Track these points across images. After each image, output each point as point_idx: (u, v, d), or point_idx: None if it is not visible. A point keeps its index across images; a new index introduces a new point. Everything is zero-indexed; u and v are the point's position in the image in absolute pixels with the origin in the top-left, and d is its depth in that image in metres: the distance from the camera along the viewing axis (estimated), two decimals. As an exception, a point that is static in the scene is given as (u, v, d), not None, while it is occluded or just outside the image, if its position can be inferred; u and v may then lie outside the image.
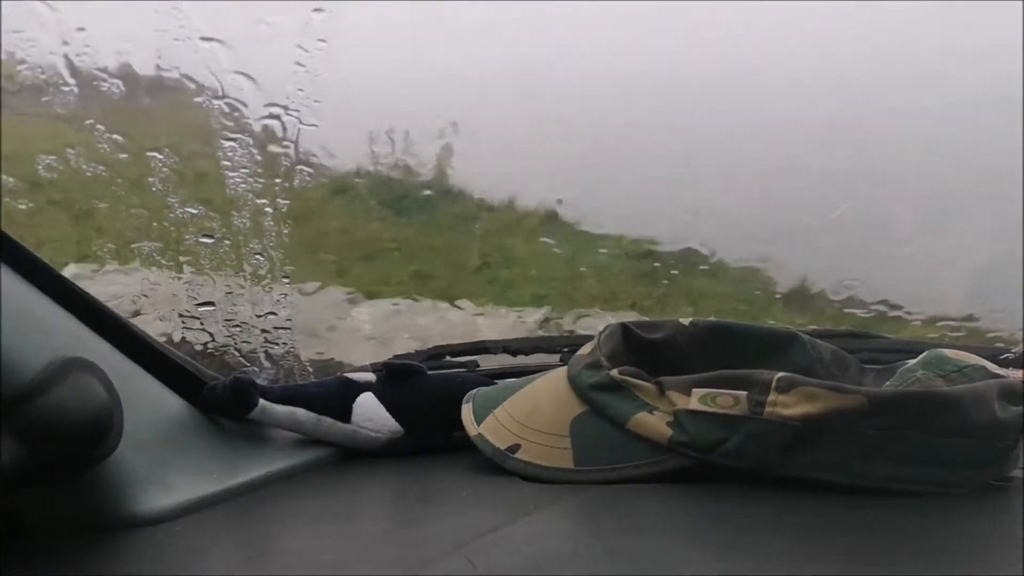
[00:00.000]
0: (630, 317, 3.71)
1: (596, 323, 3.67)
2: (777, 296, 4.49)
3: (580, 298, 4.18)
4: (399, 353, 1.68)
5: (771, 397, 0.96)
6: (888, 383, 1.10)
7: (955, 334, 2.53)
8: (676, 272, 4.42)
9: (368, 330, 3.27)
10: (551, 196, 4.71)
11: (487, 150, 5.18)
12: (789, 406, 0.95)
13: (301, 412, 1.20)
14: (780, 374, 0.97)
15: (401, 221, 4.55)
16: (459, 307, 3.58)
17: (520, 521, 0.93)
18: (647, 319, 1.23)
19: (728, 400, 0.98)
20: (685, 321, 1.21)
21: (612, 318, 3.75)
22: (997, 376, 1.02)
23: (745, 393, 0.98)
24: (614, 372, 1.07)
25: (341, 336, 3.14)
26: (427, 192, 4.67)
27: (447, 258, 4.44)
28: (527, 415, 1.11)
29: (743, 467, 0.98)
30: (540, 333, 3.33)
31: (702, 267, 4.45)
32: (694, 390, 1.01)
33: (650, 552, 0.84)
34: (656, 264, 4.46)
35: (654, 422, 1.03)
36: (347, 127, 4.97)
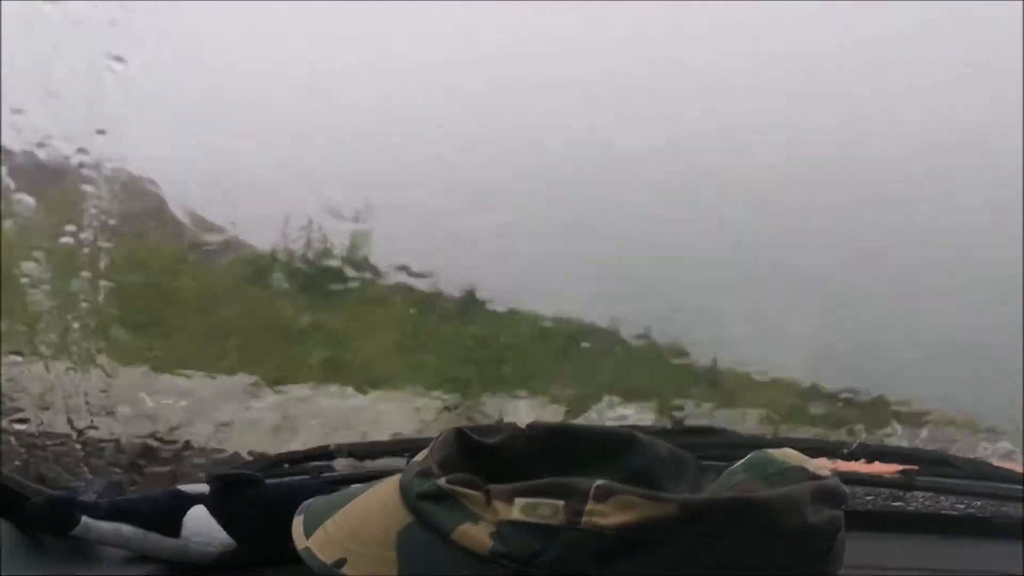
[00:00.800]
0: (542, 402, 3.71)
1: (507, 407, 3.66)
2: (691, 370, 4.54)
3: (497, 380, 4.17)
4: (288, 450, 1.64)
5: (589, 506, 0.95)
6: (711, 487, 1.10)
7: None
8: (593, 349, 4.45)
9: (269, 420, 3.21)
10: (469, 275, 4.73)
11: (405, 230, 5.21)
12: (606, 515, 0.93)
13: (127, 528, 1.15)
14: (599, 482, 0.96)
15: (315, 304, 4.51)
16: (367, 393, 3.54)
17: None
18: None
19: (547, 510, 0.96)
20: (522, 424, 1.19)
21: (524, 403, 3.75)
22: (817, 477, 1.02)
23: (563, 503, 0.96)
24: (442, 481, 1.05)
25: (239, 429, 3.08)
26: (342, 274, 4.65)
27: (361, 341, 4.40)
28: (357, 527, 1.08)
29: (562, 578, 0.96)
30: (444, 418, 3.31)
31: (620, 344, 4.49)
32: (516, 499, 0.99)
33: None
34: (574, 343, 4.49)
35: (477, 533, 1.00)
36: (263, 209, 4.96)
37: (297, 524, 1.14)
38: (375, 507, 1.13)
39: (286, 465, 1.40)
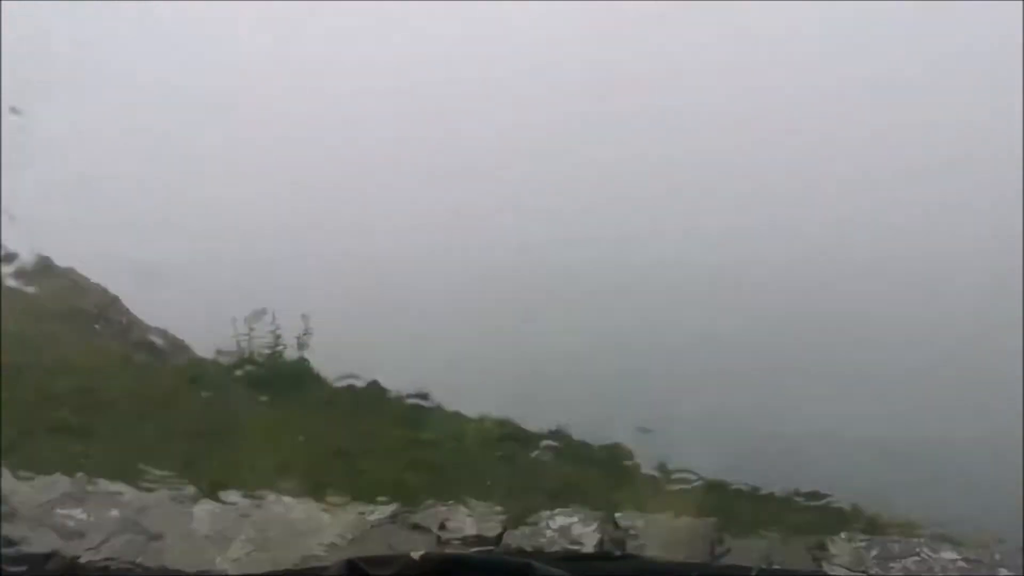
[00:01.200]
0: (484, 511, 3.65)
1: (449, 516, 3.60)
2: (641, 475, 4.52)
3: (440, 486, 4.10)
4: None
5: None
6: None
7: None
8: (539, 454, 4.42)
9: (203, 531, 3.11)
10: (415, 378, 4.71)
11: (351, 334, 5.20)
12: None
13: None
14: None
15: (258, 409, 4.44)
16: (306, 501, 3.46)
17: None
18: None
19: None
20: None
21: (465, 513, 3.68)
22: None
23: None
24: (328, 620, 1.04)
25: (171, 540, 2.98)
26: (287, 377, 4.61)
27: (306, 446, 4.33)
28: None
29: None
30: (383, 528, 3.24)
31: (565, 448, 4.46)
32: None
33: None
34: (520, 447, 4.46)
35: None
36: (209, 313, 4.94)
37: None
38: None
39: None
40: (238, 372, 4.49)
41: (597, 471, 4.23)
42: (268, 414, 4.37)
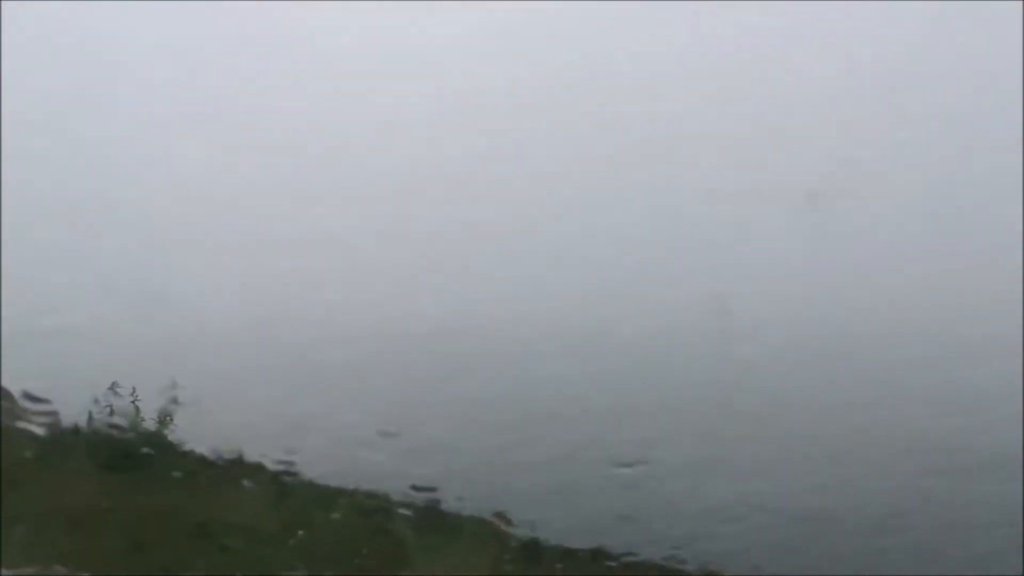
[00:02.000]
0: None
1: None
2: (511, 548, 4.52)
3: (308, 561, 3.98)
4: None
5: None
6: None
7: None
8: (409, 526, 4.36)
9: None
10: (282, 450, 4.57)
11: (215, 404, 5.01)
12: None
13: None
14: None
15: (117, 483, 4.20)
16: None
17: None
18: None
19: None
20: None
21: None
22: None
23: None
24: None
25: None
26: (147, 450, 4.40)
27: (166, 523, 4.11)
28: None
29: None
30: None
31: (438, 520, 4.42)
32: None
33: None
34: (390, 519, 4.38)
35: None
36: (64, 382, 4.66)
37: None
38: None
39: None
40: (96, 445, 4.26)
41: (467, 543, 4.22)
42: (128, 491, 4.14)
